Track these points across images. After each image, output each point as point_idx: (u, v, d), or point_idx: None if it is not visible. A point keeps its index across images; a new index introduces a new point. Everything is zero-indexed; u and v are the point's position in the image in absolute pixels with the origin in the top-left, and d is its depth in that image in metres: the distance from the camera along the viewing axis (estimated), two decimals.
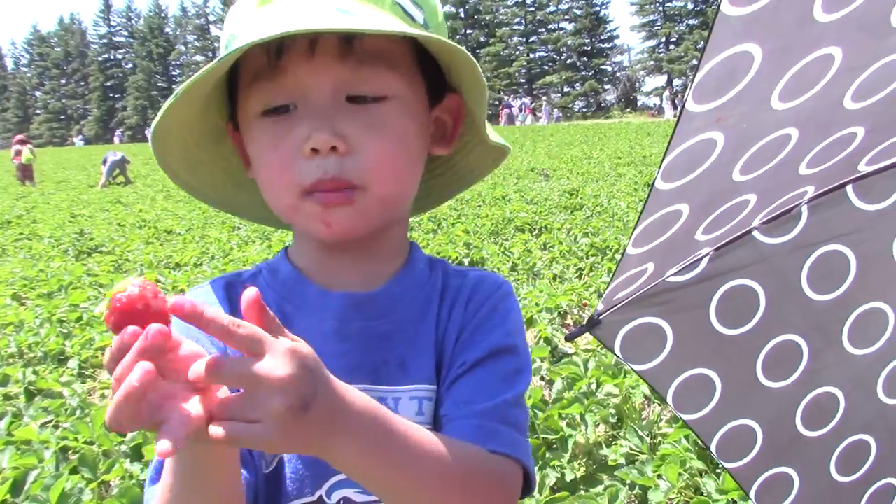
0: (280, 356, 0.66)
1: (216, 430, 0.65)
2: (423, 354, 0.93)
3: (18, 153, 20.64)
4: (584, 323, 1.34)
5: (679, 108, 1.06)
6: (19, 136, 22.39)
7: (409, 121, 0.89)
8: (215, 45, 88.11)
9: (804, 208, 1.34)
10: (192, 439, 0.66)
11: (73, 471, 3.09)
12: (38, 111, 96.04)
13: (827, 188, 1.33)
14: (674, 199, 1.17)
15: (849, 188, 1.34)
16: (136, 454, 3.26)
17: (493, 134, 0.98)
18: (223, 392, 0.70)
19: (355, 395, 0.74)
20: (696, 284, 1.33)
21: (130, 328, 0.66)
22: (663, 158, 1.10)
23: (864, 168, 1.33)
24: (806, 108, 1.11)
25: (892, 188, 1.35)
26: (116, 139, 64.01)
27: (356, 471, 0.76)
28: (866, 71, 1.09)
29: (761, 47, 0.98)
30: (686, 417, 1.40)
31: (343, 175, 0.85)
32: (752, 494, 1.45)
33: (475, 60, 0.86)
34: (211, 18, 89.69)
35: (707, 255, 1.33)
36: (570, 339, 1.24)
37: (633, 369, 1.38)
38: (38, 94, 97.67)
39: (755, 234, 1.34)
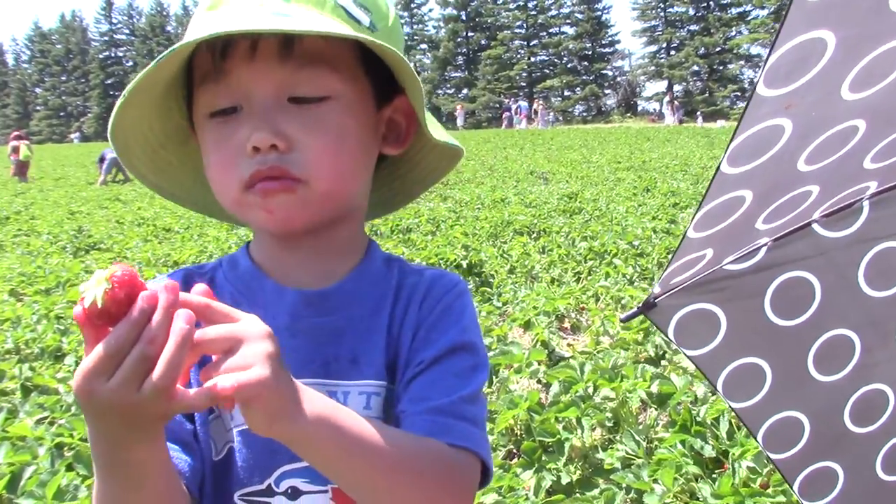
0: (252, 320, 0.76)
1: (223, 382, 0.70)
2: (375, 350, 0.96)
3: (16, 149, 20.62)
4: (640, 305, 1.34)
5: (749, 92, 1.05)
6: (16, 132, 22.28)
7: (350, 119, 0.91)
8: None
9: (866, 204, 1.33)
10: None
11: (69, 468, 3.09)
12: (38, 108, 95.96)
13: (890, 185, 1.32)
14: (738, 184, 1.16)
15: None
16: None
17: (441, 134, 0.99)
18: None
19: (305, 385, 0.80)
20: (753, 274, 1.33)
21: (145, 292, 0.70)
22: (730, 141, 1.09)
23: None
24: (875, 99, 1.09)
25: None
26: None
27: (311, 447, 0.79)
28: None
29: (835, 34, 0.97)
30: (735, 406, 1.40)
31: (282, 165, 0.88)
32: (795, 487, 1.44)
33: (407, 60, 0.88)
34: None
35: (765, 244, 1.32)
36: (625, 321, 1.24)
37: (685, 354, 1.37)
38: (38, 90, 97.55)
39: (815, 226, 1.33)
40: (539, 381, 4.00)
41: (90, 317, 0.69)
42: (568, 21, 72.12)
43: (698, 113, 48.13)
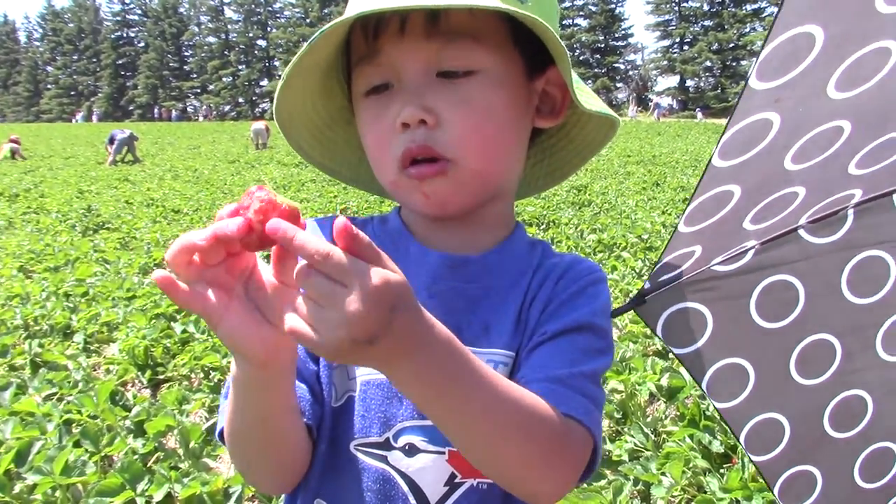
0: (363, 291, 0.66)
1: (290, 321, 0.69)
2: (506, 321, 0.95)
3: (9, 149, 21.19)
4: (631, 299, 1.34)
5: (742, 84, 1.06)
6: (12, 138, 22.75)
7: (498, 94, 0.91)
8: (229, 26, 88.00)
9: (850, 212, 1.33)
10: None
11: (76, 444, 3.10)
12: (48, 86, 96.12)
13: (874, 194, 1.33)
14: (728, 178, 1.16)
15: (895, 196, 1.34)
16: (139, 430, 3.27)
17: (595, 103, 0.96)
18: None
19: (438, 330, 0.75)
20: (740, 275, 1.34)
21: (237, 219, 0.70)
22: (722, 134, 1.09)
23: None
24: (860, 101, 1.09)
25: None
26: (95, 118, 64.69)
27: (419, 398, 0.77)
28: None
29: (824, 30, 0.97)
30: (719, 405, 1.40)
31: (430, 144, 0.88)
32: (775, 490, 1.44)
33: (552, 29, 0.85)
34: (225, 0, 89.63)
35: (753, 247, 1.33)
36: (615, 315, 1.25)
37: (672, 352, 1.39)
38: (49, 69, 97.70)
39: (801, 232, 1.33)
40: None
41: None
42: (581, 13, 71.89)
43: (697, 109, 47.85)
